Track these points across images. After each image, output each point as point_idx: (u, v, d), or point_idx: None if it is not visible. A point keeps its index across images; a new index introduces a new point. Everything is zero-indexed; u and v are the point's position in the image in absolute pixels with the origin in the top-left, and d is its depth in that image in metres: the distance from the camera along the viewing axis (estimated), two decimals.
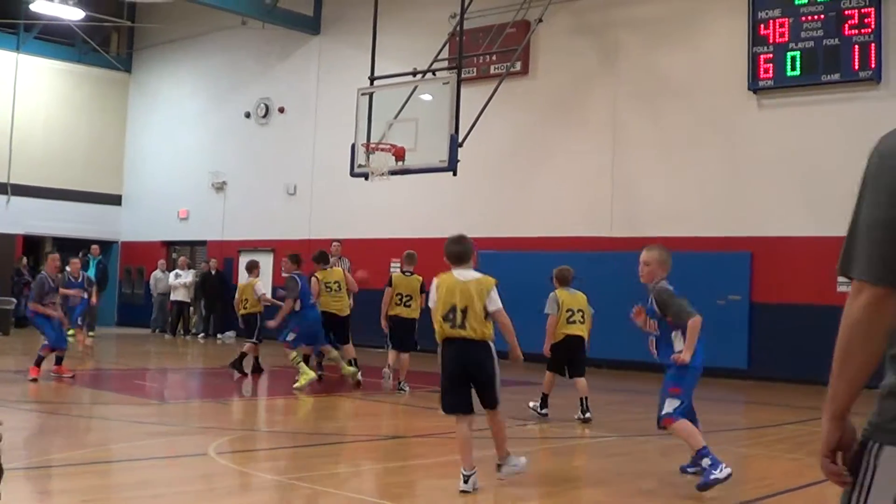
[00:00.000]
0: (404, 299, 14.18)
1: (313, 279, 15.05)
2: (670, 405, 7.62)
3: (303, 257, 15.63)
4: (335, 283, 15.11)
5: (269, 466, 8.44)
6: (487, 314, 7.21)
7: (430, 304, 7.46)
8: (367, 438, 10.31)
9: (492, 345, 7.30)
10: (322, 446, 9.61)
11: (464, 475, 7.06)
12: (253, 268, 16.48)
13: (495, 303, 7.24)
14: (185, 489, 7.14)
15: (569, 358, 11.56)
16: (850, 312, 2.47)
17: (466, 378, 7.30)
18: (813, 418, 12.56)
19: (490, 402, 7.36)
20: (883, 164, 2.46)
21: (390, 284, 14.20)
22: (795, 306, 17.39)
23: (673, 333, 7.62)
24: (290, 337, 14.47)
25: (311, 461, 8.65)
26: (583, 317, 11.55)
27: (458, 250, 7.40)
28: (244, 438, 10.13)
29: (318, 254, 15.54)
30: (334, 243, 18.96)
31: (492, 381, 7.29)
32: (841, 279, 17.00)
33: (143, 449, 8.88)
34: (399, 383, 14.13)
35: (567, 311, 11.45)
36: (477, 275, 7.35)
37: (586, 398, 11.49)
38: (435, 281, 7.41)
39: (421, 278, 14.15)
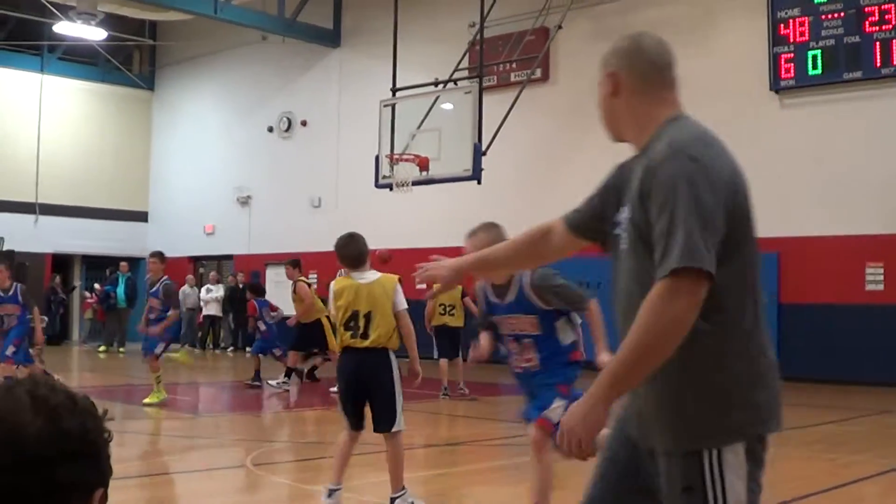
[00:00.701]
0: (447, 309, 14.30)
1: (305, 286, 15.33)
2: (556, 410, 5.55)
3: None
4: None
5: (309, 477, 8.50)
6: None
7: (331, 312, 6.88)
8: (406, 447, 10.34)
9: (392, 356, 6.62)
10: (361, 455, 9.66)
11: (329, 489, 6.61)
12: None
13: (402, 302, 6.67)
14: (227, 500, 7.21)
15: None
16: (680, 308, 2.45)
17: (362, 393, 6.66)
18: (846, 418, 12.55)
19: (387, 423, 6.57)
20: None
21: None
22: (824, 306, 17.34)
23: (557, 325, 5.94)
24: (160, 349, 13.97)
25: (352, 470, 8.69)
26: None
27: (354, 252, 6.78)
28: (281, 450, 10.21)
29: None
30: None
31: (392, 398, 6.58)
32: (871, 275, 16.99)
33: (180, 462, 8.97)
34: (444, 389, 14.30)
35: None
36: (377, 274, 6.78)
37: None
38: (332, 286, 6.86)
39: (461, 286, 14.17)
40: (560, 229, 3.15)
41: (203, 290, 26.75)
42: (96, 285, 27.23)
